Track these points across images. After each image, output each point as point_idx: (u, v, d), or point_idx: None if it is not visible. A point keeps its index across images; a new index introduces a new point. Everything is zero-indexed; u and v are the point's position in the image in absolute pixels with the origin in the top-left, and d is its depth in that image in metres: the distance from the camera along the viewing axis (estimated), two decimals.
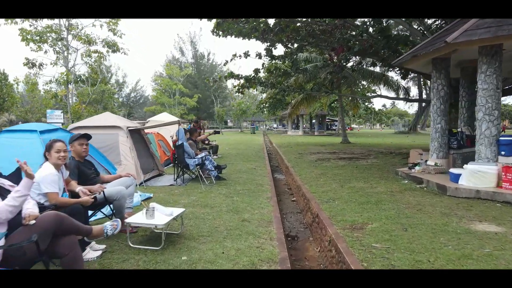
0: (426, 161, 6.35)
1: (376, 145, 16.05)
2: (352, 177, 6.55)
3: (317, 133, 32.46)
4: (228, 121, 77.12)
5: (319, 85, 12.59)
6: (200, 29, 72.08)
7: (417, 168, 6.25)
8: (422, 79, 26.40)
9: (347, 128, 51.26)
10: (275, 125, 63.61)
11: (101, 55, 13.53)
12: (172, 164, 7.38)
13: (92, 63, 13.41)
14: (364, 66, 15.17)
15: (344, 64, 13.40)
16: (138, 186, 5.33)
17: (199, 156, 5.99)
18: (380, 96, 13.55)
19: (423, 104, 31.77)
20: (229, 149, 14.09)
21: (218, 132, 11.72)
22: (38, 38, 12.03)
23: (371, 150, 13.10)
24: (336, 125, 52.92)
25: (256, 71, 12.33)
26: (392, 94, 16.79)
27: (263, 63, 12.42)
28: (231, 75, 12.59)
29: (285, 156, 11.14)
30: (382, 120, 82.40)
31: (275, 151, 15.58)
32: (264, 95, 40.14)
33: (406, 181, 5.99)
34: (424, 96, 31.64)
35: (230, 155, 11.35)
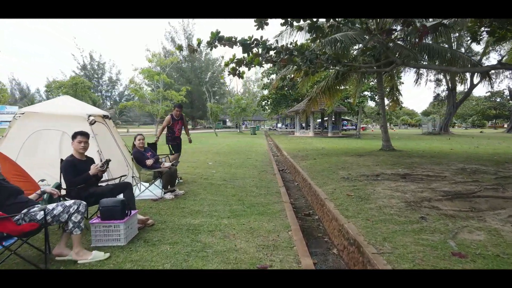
0: None
1: (438, 155, 10.22)
2: None
3: (330, 135, 26.75)
4: (227, 120, 71.23)
5: (377, 51, 6.77)
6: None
7: None
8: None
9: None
10: (280, 125, 57.46)
11: None
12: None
13: None
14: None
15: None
16: None
17: None
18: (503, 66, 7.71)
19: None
20: (213, 165, 8.39)
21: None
22: None
23: (457, 167, 7.29)
24: (345, 124, 46.99)
25: (260, 23, 6.63)
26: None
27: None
28: (216, 36, 6.87)
29: (318, 184, 5.41)
30: (391, 119, 76.59)
31: (289, 165, 9.87)
32: (266, 92, 34.43)
33: None
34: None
35: (209, 186, 5.68)
